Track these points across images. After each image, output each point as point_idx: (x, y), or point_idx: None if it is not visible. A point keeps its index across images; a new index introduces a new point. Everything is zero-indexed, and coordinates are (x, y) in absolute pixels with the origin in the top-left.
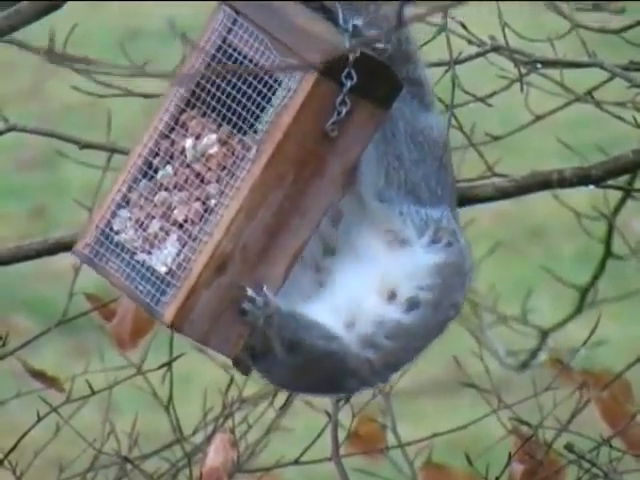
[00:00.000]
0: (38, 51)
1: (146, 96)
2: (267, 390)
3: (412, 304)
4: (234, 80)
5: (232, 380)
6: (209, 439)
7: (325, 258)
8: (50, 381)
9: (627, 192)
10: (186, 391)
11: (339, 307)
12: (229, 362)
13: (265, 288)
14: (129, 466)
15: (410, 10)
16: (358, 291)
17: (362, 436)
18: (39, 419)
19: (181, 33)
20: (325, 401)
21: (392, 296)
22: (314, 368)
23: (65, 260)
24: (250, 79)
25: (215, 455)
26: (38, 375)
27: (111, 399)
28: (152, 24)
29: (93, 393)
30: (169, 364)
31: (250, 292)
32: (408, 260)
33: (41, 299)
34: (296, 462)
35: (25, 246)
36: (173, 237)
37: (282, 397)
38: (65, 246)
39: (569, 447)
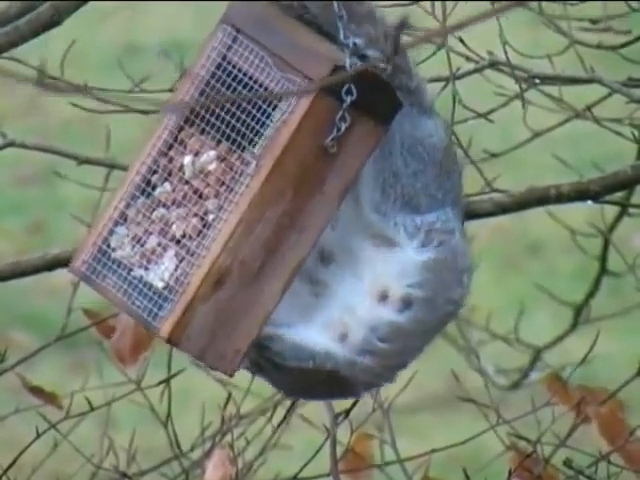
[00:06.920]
0: (27, 79)
1: (144, 112)
2: (265, 406)
3: (405, 303)
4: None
5: (230, 396)
6: (207, 455)
7: (319, 267)
8: (48, 397)
9: (624, 208)
10: (184, 407)
11: (332, 320)
12: (227, 378)
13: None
14: None
15: (407, 35)
16: (351, 298)
17: (358, 453)
18: (38, 435)
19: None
20: (323, 417)
21: (384, 297)
22: (310, 377)
23: (63, 276)
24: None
25: (214, 471)
26: (36, 391)
27: (110, 414)
28: (151, 40)
29: (92, 409)
30: (168, 380)
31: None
32: (396, 260)
33: (39, 314)
34: (294, 478)
35: (23, 261)
36: (170, 252)
37: (280, 413)
38: (63, 262)
39: (568, 463)
